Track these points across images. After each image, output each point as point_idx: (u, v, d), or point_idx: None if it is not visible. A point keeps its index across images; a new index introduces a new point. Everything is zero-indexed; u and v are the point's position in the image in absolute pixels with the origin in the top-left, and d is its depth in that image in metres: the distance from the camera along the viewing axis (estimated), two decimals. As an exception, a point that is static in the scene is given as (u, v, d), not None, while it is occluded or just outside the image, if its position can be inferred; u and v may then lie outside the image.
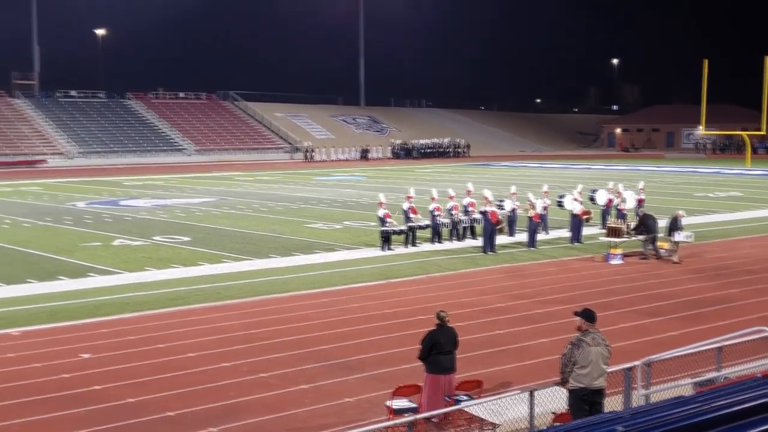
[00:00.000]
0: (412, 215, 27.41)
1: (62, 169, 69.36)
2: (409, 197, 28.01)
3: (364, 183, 54.34)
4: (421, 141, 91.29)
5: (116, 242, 28.21)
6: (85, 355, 14.96)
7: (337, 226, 32.27)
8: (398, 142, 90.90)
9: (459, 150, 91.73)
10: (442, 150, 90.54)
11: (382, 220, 26.64)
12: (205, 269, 23.42)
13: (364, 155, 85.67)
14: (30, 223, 33.14)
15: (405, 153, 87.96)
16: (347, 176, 60.85)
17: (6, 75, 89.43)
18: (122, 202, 41.57)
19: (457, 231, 28.56)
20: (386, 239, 26.66)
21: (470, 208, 28.88)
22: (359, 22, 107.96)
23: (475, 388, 11.83)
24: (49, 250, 26.35)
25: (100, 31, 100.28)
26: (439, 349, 11.46)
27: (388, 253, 26.17)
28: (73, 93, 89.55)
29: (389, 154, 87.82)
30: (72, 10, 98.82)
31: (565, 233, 29.08)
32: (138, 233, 30.12)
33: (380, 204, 27.04)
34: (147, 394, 12.92)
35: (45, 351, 15.22)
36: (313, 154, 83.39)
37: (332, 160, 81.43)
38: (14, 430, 11.45)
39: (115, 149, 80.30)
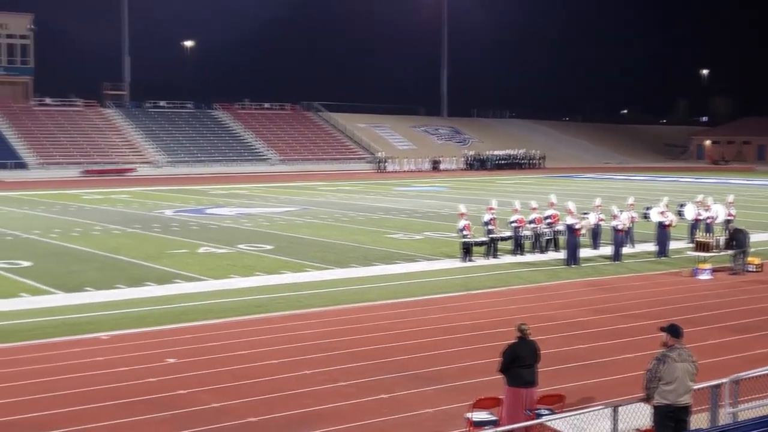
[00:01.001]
0: (492, 227, 27.25)
1: (151, 177, 71.06)
2: (490, 208, 27.85)
3: (444, 194, 54.25)
4: (495, 152, 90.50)
5: (201, 250, 28.75)
6: (171, 360, 15.28)
7: (418, 237, 32.28)
8: (471, 152, 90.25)
9: (534, 161, 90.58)
10: (516, 161, 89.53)
11: (462, 231, 26.55)
12: (288, 277, 23.69)
13: (436, 166, 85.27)
14: (119, 230, 34.03)
15: (479, 164, 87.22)
16: (428, 187, 60.84)
17: (98, 85, 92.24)
18: (208, 211, 42.37)
19: (540, 243, 28.28)
20: (467, 250, 26.55)
21: (553, 221, 28.56)
22: (443, 33, 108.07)
23: (556, 402, 11.67)
24: (137, 257, 27.01)
25: (189, 43, 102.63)
26: (520, 362, 11.34)
27: (468, 264, 26.06)
28: (162, 103, 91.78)
29: (462, 165, 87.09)
30: (161, 22, 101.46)
31: (651, 247, 28.51)
32: (223, 241, 30.65)
33: (461, 215, 26.96)
34: (230, 399, 13.12)
35: (132, 355, 15.59)
36: (385, 164, 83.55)
37: (404, 171, 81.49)
38: (102, 432, 11.76)
39: (202, 158, 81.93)
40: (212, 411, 12.61)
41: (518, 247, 27.77)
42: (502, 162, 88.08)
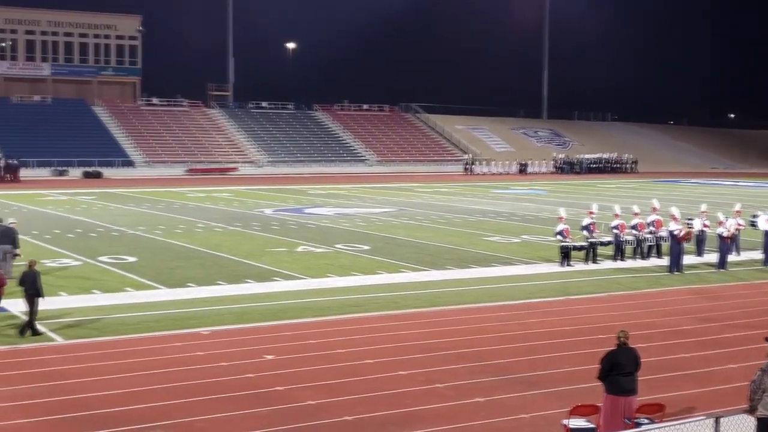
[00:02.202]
0: (592, 231, 26.77)
1: (252, 176, 72.39)
2: (590, 213, 27.38)
3: (543, 197, 53.60)
4: (586, 155, 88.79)
5: (300, 248, 29.11)
6: (269, 357, 15.50)
7: (515, 240, 31.97)
8: (561, 156, 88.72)
9: (626, 165, 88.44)
10: (608, 165, 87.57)
11: (561, 236, 26.16)
12: (384, 278, 23.78)
13: (523, 169, 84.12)
14: (221, 228, 34.75)
15: (568, 167, 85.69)
16: (526, 190, 60.22)
17: (203, 86, 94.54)
18: (307, 210, 42.90)
19: (641, 249, 27.65)
20: (566, 255, 26.15)
21: (655, 227, 27.89)
22: (543, 32, 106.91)
23: (656, 411, 11.38)
24: (238, 254, 27.53)
25: (291, 45, 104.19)
26: (619, 369, 11.10)
27: (567, 269, 25.66)
28: (264, 104, 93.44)
29: (552, 169, 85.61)
30: (265, 25, 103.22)
31: (758, 255, 27.55)
32: (321, 240, 30.97)
33: (560, 219, 26.57)
34: (326, 397, 13.22)
35: (231, 351, 15.88)
36: (473, 166, 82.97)
37: (492, 174, 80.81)
38: (200, 426, 11.98)
39: (302, 158, 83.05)
40: (308, 408, 12.74)
41: (619, 253, 27.22)
42: (593, 166, 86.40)
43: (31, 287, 16.92)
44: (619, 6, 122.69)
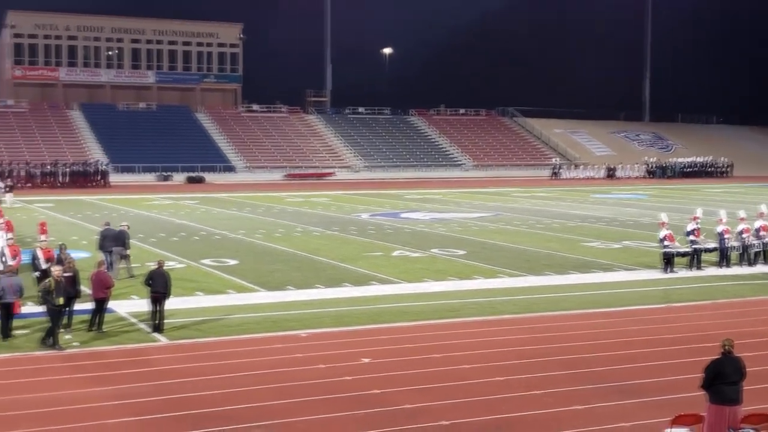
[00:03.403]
0: (696, 237, 26.09)
1: (349, 181, 73.04)
2: (694, 218, 26.70)
3: (645, 202, 52.49)
4: (679, 159, 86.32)
5: (396, 253, 29.24)
6: (366, 360, 15.62)
7: (616, 246, 31.40)
8: (653, 159, 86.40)
9: (721, 169, 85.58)
10: (702, 169, 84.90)
11: (664, 242, 25.57)
12: (480, 283, 23.68)
13: (611, 173, 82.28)
14: (319, 232, 35.18)
15: (660, 171, 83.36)
16: (627, 194, 59.07)
17: (301, 93, 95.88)
18: (403, 215, 43.05)
19: (748, 255, 26.82)
20: (668, 261, 25.55)
21: (762, 232, 27.01)
22: (645, 33, 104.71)
23: (762, 422, 11.02)
24: (335, 258, 27.82)
25: (387, 50, 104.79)
26: (723, 378, 10.80)
27: (670, 275, 25.07)
28: (360, 109, 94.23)
29: (643, 173, 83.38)
30: (361, 31, 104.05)
31: None
32: (416, 245, 31.04)
33: (662, 224, 25.98)
34: (423, 401, 13.25)
35: (329, 353, 16.06)
36: (560, 171, 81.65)
37: (580, 179, 79.38)
38: (300, 427, 12.16)
39: (398, 163, 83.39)
40: (405, 412, 12.78)
41: (724, 259, 26.45)
42: (687, 170, 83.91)
43: (159, 287, 17.51)
44: (727, 3, 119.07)
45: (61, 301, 16.29)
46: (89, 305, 17.87)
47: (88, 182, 64.09)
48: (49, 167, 64.57)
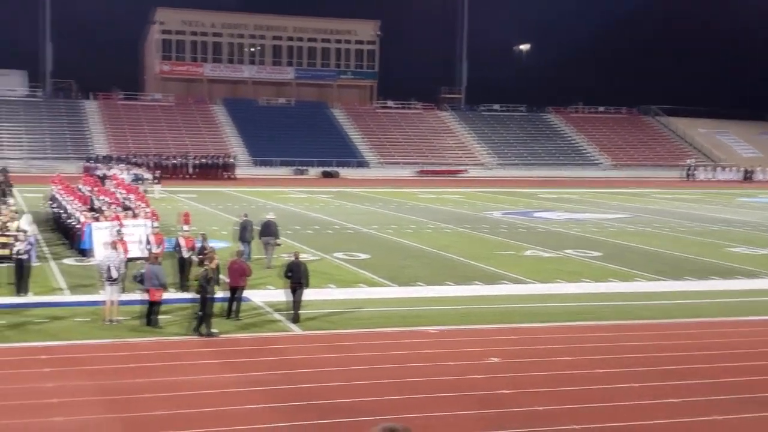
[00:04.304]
0: None
1: (481, 179, 72.61)
2: None
3: (793, 206, 49.98)
4: None
5: (528, 252, 28.85)
6: (495, 359, 15.45)
7: (762, 252, 30.01)
8: None
9: None
10: None
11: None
12: (615, 286, 23.07)
13: (748, 176, 78.26)
14: (450, 229, 35.10)
15: None
16: (774, 198, 56.42)
17: (436, 89, 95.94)
18: (536, 214, 42.46)
19: None
20: (818, 269, 24.21)
21: None
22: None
23: None
24: (465, 256, 27.68)
25: (524, 47, 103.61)
26: None
27: (819, 284, 23.75)
28: (495, 107, 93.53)
29: None
30: (497, 27, 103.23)
31: None
32: (549, 245, 30.54)
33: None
34: (552, 404, 12.99)
35: (458, 351, 15.97)
36: (695, 172, 78.33)
37: (716, 180, 76.01)
38: (428, 424, 12.11)
39: (532, 161, 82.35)
40: (534, 414, 12.56)
41: None
42: None
43: (298, 278, 17.87)
44: None
45: (217, 290, 16.83)
46: (226, 294, 18.36)
47: (215, 175, 65.81)
48: (178, 159, 66.64)
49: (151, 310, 17.35)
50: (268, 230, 24.72)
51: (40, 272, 22.61)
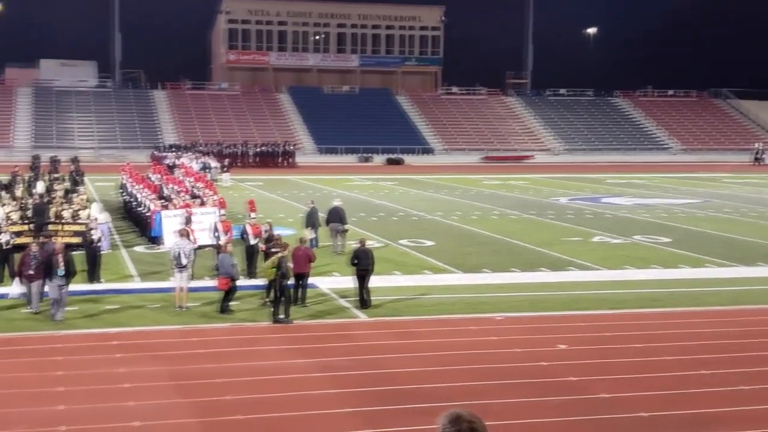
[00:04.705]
0: None
1: (547, 164, 71.92)
2: None
3: None
4: None
5: (595, 239, 28.55)
6: (562, 346, 15.37)
7: (837, 237, 29.22)
8: None
9: None
10: None
11: None
12: (685, 272, 22.73)
13: None
14: (516, 216, 34.91)
15: None
16: None
17: (501, 74, 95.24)
18: (603, 200, 41.95)
19: None
20: None
21: None
22: None
23: None
24: (531, 242, 27.52)
25: (591, 30, 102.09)
26: None
27: None
28: (562, 91, 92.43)
29: None
30: (564, 11, 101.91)
31: None
32: (618, 231, 30.17)
33: None
34: (621, 391, 12.90)
35: (525, 338, 15.94)
36: (763, 156, 76.16)
37: None
38: (496, 410, 12.11)
39: (599, 146, 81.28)
40: (602, 401, 12.50)
41: None
42: None
43: (365, 264, 18.00)
44: None
45: (292, 277, 17.05)
46: (291, 281, 18.55)
47: (275, 162, 66.17)
48: (239, 147, 67.02)
49: (226, 297, 17.56)
50: (336, 216, 24.93)
51: (111, 260, 23.18)
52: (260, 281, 18.69)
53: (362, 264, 18.06)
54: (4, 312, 17.41)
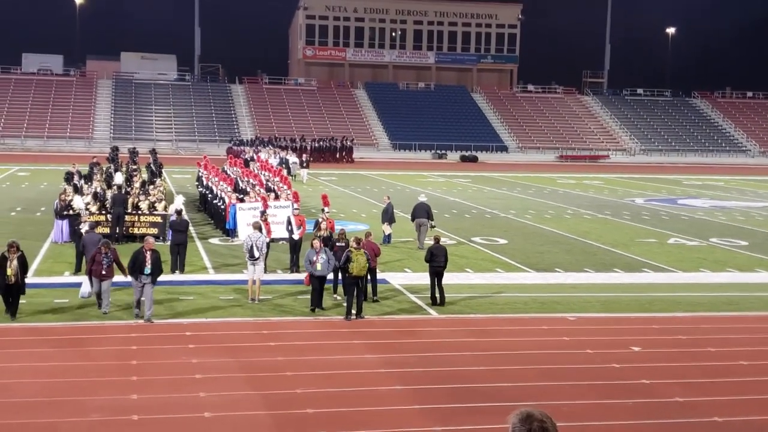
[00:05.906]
0: None
1: (623, 164, 70.90)
2: None
3: None
4: None
5: (671, 240, 28.09)
6: (636, 348, 15.20)
7: None
8: None
9: None
10: None
11: None
12: (763, 276, 22.24)
13: None
14: (590, 216, 34.53)
15: None
16: None
17: (578, 73, 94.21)
18: (680, 201, 41.21)
19: None
20: None
21: None
22: None
23: None
24: (606, 243, 27.20)
25: (671, 30, 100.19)
26: None
27: None
28: (639, 91, 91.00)
29: None
30: (643, 11, 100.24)
31: None
32: (694, 233, 29.64)
33: None
34: (695, 395, 12.72)
35: (597, 339, 15.80)
36: None
37: None
38: (566, 411, 12.04)
39: (676, 148, 79.83)
40: (675, 405, 12.33)
41: None
42: None
43: (440, 262, 18.02)
44: None
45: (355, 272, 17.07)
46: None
47: (334, 157, 65.95)
48: (297, 142, 66.90)
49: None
50: (421, 212, 25.02)
51: (187, 251, 23.58)
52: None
53: (436, 261, 18.07)
54: (79, 302, 17.69)
